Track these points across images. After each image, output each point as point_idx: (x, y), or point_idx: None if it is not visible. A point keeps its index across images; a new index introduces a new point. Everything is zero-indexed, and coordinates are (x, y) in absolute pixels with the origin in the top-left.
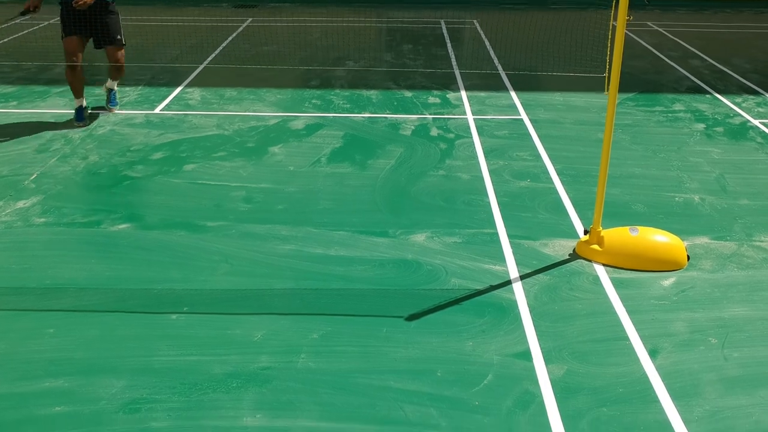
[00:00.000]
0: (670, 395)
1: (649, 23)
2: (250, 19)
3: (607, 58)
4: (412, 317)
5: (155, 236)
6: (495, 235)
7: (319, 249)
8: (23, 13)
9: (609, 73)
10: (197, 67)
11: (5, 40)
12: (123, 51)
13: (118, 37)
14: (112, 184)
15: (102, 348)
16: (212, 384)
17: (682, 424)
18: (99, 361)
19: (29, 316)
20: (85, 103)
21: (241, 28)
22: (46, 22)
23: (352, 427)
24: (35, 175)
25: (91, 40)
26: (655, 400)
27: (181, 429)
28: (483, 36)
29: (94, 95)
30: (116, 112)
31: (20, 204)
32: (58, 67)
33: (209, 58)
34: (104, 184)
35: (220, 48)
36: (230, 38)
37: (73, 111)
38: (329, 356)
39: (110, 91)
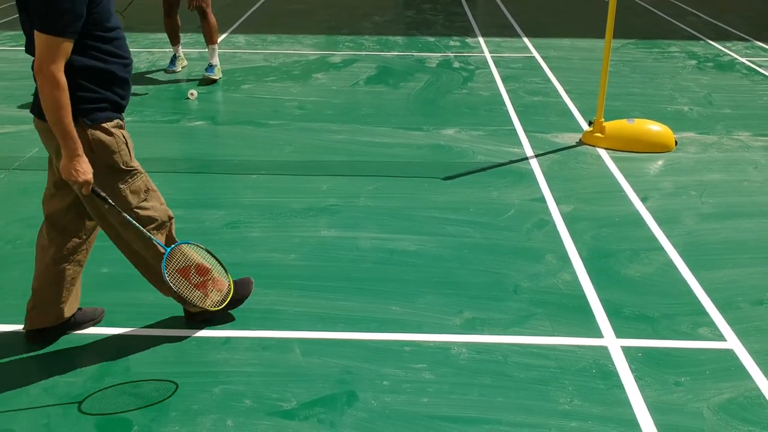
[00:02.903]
0: (657, 222)
1: None
2: None
3: None
4: (447, 178)
5: (226, 129)
6: (513, 130)
7: (366, 138)
8: None
9: None
10: (237, 20)
11: None
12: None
13: None
14: (180, 96)
15: (198, 193)
16: (293, 213)
17: (665, 238)
18: (198, 201)
19: None
20: (179, 52)
21: None
22: None
23: (406, 236)
24: None
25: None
26: (644, 225)
27: (273, 238)
28: None
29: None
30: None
31: None
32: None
33: (245, 15)
34: (174, 97)
35: (255, 7)
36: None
37: (138, 51)
38: (383, 199)
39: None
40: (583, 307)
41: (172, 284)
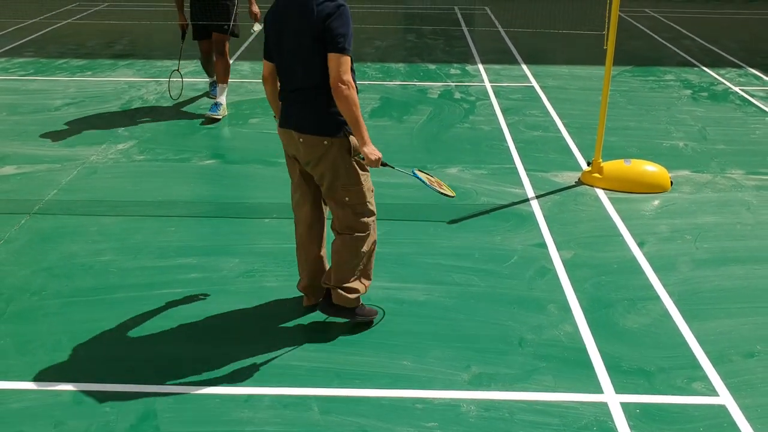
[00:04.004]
0: (653, 269)
1: (646, 10)
2: None
3: (606, 18)
4: (452, 221)
5: (237, 169)
6: (514, 169)
7: (372, 177)
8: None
9: (608, 30)
10: (241, 44)
11: (62, 23)
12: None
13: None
14: (191, 132)
15: (215, 239)
16: None
17: (661, 285)
18: (215, 247)
19: (152, 220)
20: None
21: None
22: (95, 9)
23: (415, 285)
24: (125, 126)
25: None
26: (641, 272)
27: (287, 289)
28: (495, 21)
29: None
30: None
31: (120, 146)
32: (118, 44)
33: (249, 40)
34: (185, 133)
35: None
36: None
37: (146, 80)
38: (391, 245)
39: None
40: (584, 362)
41: (429, 179)
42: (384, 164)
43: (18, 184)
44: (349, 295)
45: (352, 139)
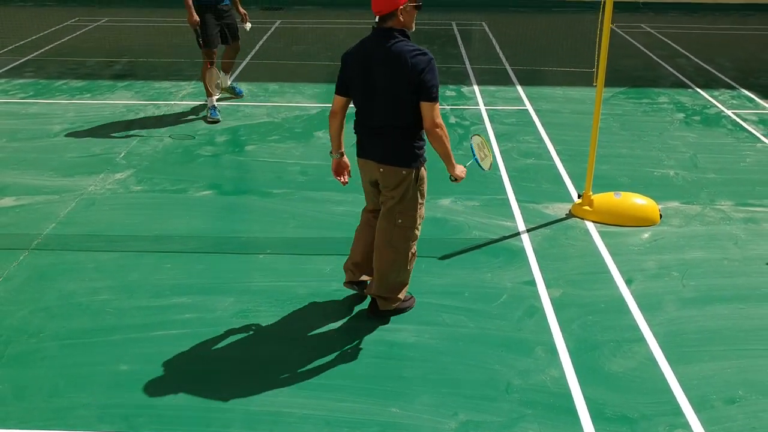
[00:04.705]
0: (639, 308)
1: (642, 25)
2: (279, 21)
3: (596, 57)
4: (443, 257)
5: (233, 201)
6: (506, 200)
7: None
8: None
9: (597, 69)
10: (240, 63)
11: (63, 40)
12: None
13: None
14: (188, 161)
15: (210, 277)
16: (298, 300)
17: (647, 326)
18: (210, 285)
19: (149, 256)
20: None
21: (272, 30)
22: (95, 24)
23: (404, 326)
24: (123, 154)
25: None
26: (628, 312)
27: (280, 331)
28: (491, 36)
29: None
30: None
31: (117, 176)
32: (117, 64)
33: (248, 57)
34: (182, 161)
35: (257, 47)
36: (264, 38)
37: (144, 104)
38: None
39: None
40: (569, 409)
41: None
42: (454, 179)
43: (17, 217)
44: (391, 304)
45: (423, 169)
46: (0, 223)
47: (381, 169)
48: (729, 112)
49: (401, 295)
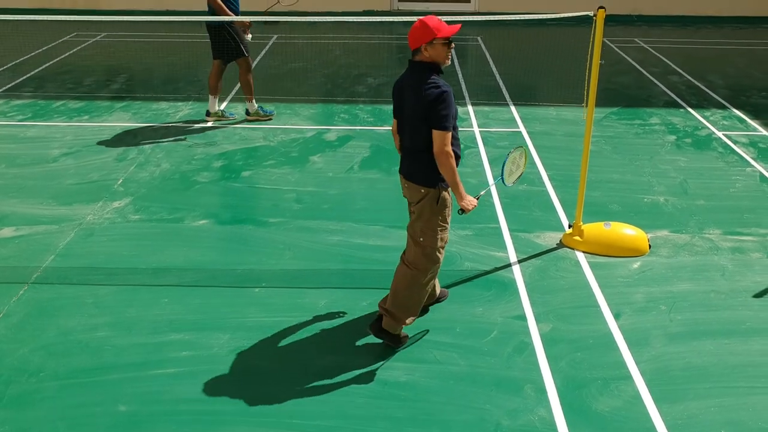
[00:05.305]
0: (627, 344)
1: (636, 39)
2: (275, 36)
3: (585, 92)
4: None
5: (229, 231)
6: (498, 229)
7: (360, 239)
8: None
9: (586, 103)
10: (237, 81)
11: (61, 57)
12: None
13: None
14: (185, 188)
15: (206, 312)
16: (294, 336)
17: (634, 363)
18: (206, 321)
19: (147, 290)
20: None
21: (268, 46)
22: (93, 39)
23: (397, 364)
24: (121, 181)
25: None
26: (616, 348)
27: (275, 370)
28: (486, 52)
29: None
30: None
31: (116, 204)
32: (114, 83)
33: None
34: (179, 188)
35: (254, 64)
36: (261, 54)
37: (142, 126)
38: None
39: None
40: None
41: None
42: (477, 197)
43: (17, 249)
44: (395, 324)
45: (444, 193)
46: (0, 255)
47: (406, 185)
48: (720, 134)
49: (407, 322)
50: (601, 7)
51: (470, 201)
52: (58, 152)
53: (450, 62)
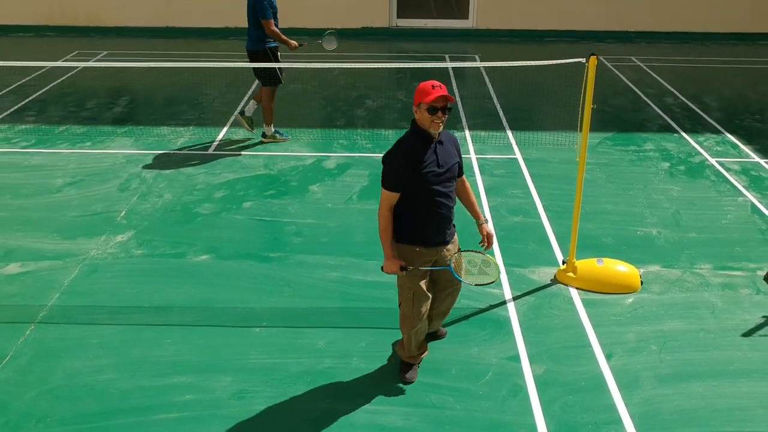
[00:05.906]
0: (618, 386)
1: (633, 58)
2: None
3: (578, 131)
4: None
5: (230, 266)
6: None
7: (359, 275)
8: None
9: (580, 146)
10: (236, 104)
11: (64, 77)
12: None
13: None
14: (187, 220)
15: (208, 353)
16: (293, 379)
17: (624, 406)
18: (208, 363)
19: (150, 329)
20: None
21: None
22: (95, 57)
23: (394, 408)
24: (124, 212)
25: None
26: (607, 390)
27: (277, 414)
28: (484, 73)
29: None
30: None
31: (119, 238)
32: (117, 106)
33: (244, 100)
34: (181, 220)
35: (253, 87)
36: None
37: (143, 153)
38: (374, 359)
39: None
40: None
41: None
42: (403, 268)
43: (23, 286)
44: (399, 350)
45: (403, 247)
46: (7, 293)
47: None
48: (713, 161)
49: (404, 358)
50: (593, 54)
51: (389, 266)
52: (61, 181)
53: (439, 130)
